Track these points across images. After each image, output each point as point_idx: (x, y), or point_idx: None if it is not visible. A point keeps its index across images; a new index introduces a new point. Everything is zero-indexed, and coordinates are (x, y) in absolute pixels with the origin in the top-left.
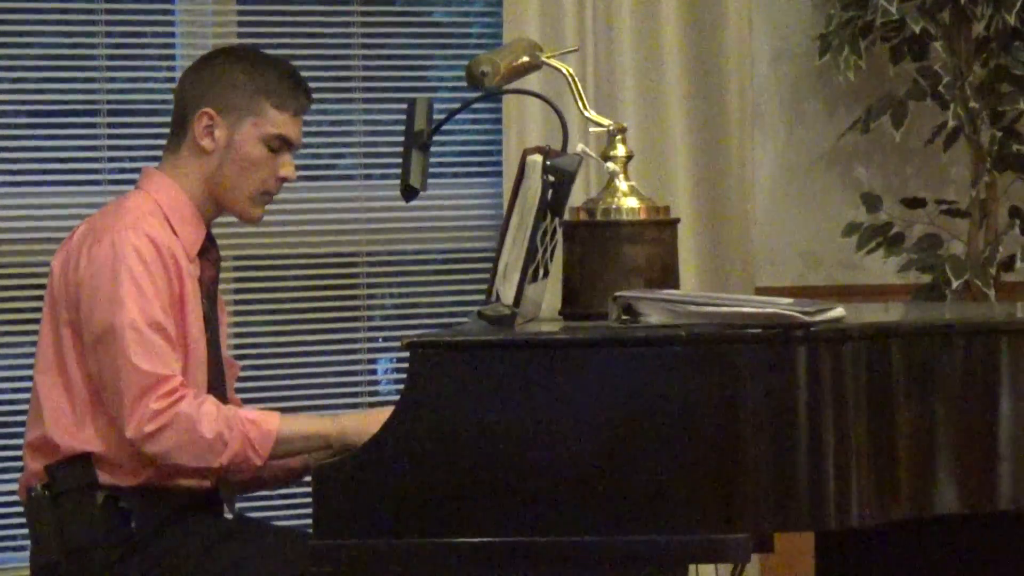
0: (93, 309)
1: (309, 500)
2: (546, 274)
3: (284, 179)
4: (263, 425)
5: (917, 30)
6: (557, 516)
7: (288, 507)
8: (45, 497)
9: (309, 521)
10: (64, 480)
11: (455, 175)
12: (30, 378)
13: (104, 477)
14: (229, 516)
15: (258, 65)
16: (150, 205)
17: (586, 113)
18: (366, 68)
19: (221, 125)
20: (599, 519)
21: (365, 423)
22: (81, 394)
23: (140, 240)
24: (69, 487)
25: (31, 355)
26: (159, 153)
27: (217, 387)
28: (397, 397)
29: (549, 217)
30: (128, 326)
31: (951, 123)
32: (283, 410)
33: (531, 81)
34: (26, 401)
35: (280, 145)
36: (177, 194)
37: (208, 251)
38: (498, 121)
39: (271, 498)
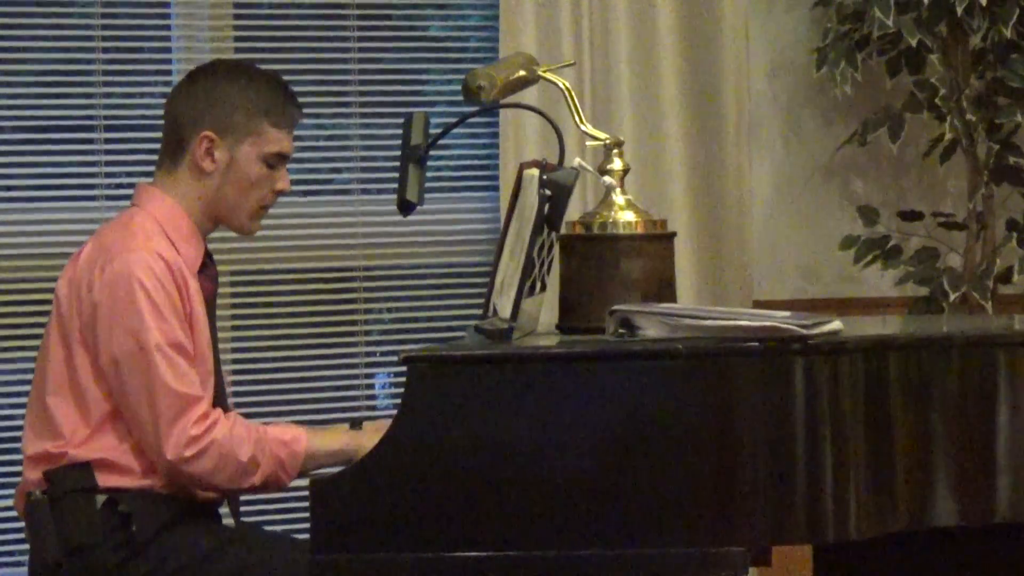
0: (112, 331)
1: (307, 508)
2: (543, 288)
3: (281, 192)
4: (292, 446)
5: (914, 43)
6: (554, 530)
7: (286, 521)
8: (44, 501)
9: (306, 529)
10: (63, 484)
11: (452, 189)
12: (25, 394)
13: (105, 481)
14: (230, 522)
15: (252, 83)
16: (153, 224)
17: (583, 127)
18: (363, 82)
19: (221, 147)
20: (596, 532)
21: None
22: (98, 409)
23: (153, 260)
24: (68, 490)
25: (26, 371)
26: None
27: (221, 401)
28: (394, 411)
29: (546, 231)
30: (153, 348)
31: (948, 136)
32: None
33: (528, 95)
34: (20, 416)
35: (277, 161)
36: (176, 212)
37: (207, 268)
38: (495, 135)
39: (269, 510)
